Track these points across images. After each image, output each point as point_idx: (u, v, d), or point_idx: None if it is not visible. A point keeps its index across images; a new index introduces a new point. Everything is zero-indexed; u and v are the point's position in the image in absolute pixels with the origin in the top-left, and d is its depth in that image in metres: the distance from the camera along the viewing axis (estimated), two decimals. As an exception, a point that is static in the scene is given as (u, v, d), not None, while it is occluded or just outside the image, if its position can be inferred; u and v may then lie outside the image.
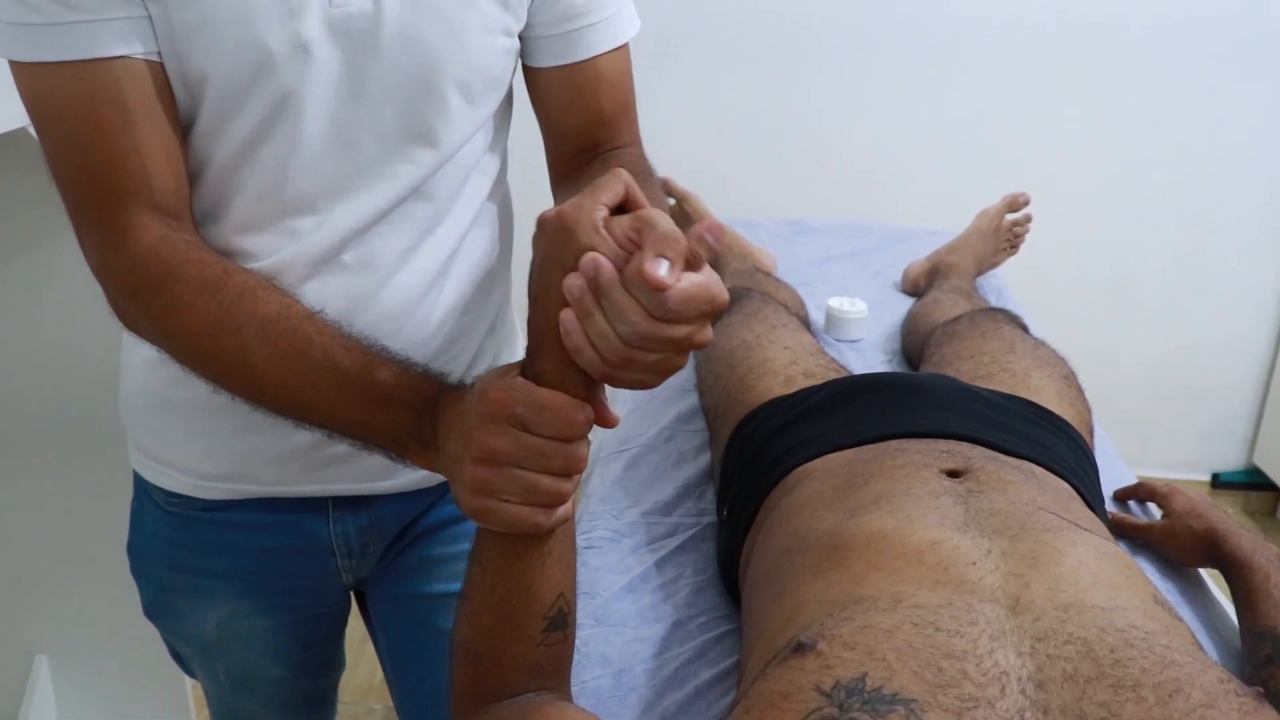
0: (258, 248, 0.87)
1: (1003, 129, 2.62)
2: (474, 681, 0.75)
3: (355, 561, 1.06)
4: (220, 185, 0.86)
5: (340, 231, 0.88)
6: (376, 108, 0.85)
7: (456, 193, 0.93)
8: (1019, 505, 0.89)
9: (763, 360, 1.34)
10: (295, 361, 0.78)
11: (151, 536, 1.05)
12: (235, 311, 0.78)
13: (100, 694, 1.78)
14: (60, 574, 1.69)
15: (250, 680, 1.12)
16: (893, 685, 0.65)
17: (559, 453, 0.69)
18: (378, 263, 0.90)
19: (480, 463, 0.69)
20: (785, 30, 2.55)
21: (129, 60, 0.77)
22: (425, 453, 0.76)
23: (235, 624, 1.06)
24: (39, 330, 1.54)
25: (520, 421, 0.68)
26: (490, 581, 0.74)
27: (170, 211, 0.82)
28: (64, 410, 1.58)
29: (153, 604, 1.09)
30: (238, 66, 0.79)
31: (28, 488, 1.64)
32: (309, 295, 0.86)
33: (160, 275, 0.79)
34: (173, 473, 1.00)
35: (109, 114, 0.77)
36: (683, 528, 1.27)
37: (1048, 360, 1.34)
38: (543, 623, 0.75)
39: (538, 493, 0.70)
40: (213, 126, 0.83)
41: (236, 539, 1.02)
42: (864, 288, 1.99)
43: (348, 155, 0.86)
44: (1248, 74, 2.52)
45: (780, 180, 2.69)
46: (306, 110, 0.83)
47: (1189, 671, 0.67)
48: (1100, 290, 2.75)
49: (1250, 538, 1.09)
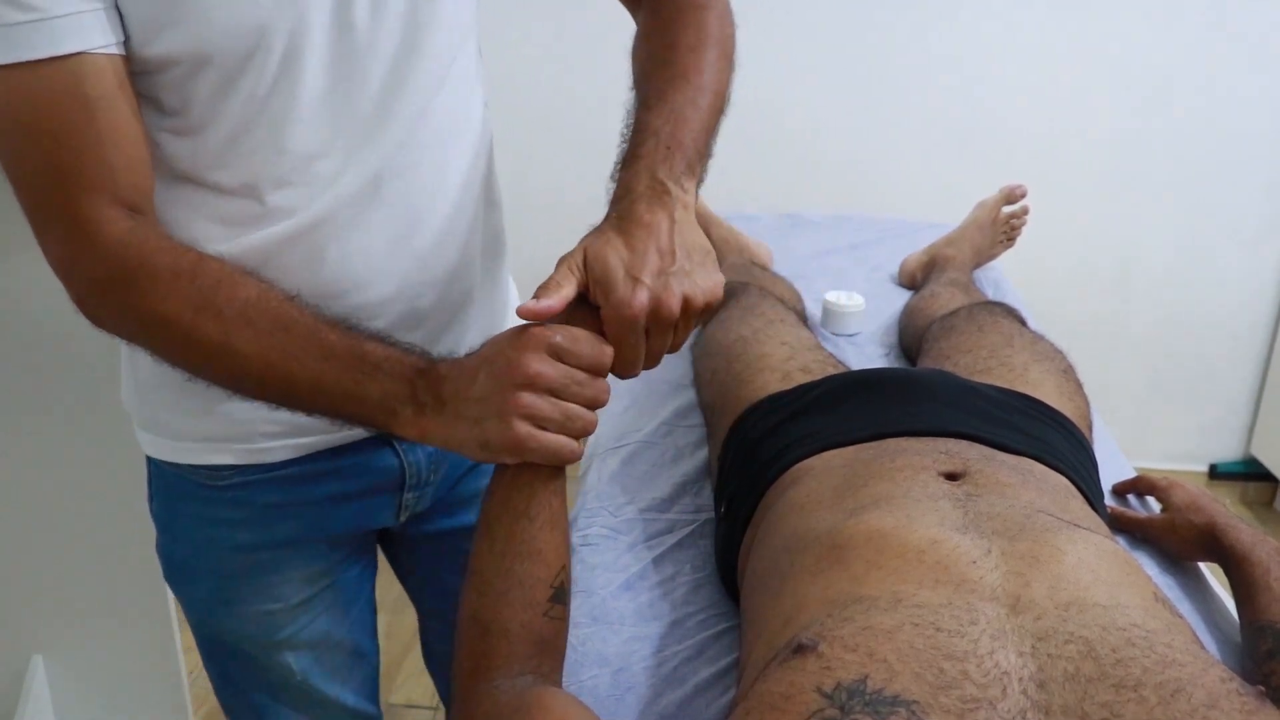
0: (294, 202, 0.88)
1: (999, 121, 2.62)
2: (481, 654, 0.78)
3: (418, 495, 1.08)
4: (232, 149, 0.86)
5: (367, 170, 0.90)
6: (372, 33, 0.86)
7: (463, 112, 0.97)
8: (1017, 507, 0.88)
9: (760, 355, 1.33)
10: (280, 339, 0.80)
11: (196, 529, 1.03)
12: (215, 296, 0.80)
13: (97, 694, 1.77)
14: (56, 574, 1.69)
15: (332, 653, 1.11)
16: (894, 687, 0.65)
17: (590, 383, 0.79)
18: (411, 191, 0.93)
19: (524, 387, 0.77)
20: (780, 22, 2.54)
21: (87, 55, 0.76)
22: (420, 418, 0.81)
23: (310, 593, 1.06)
24: (33, 329, 1.53)
25: (557, 351, 0.78)
26: (500, 549, 0.80)
27: (134, 205, 0.82)
28: (60, 409, 1.57)
29: (209, 603, 1.06)
30: (232, 26, 0.79)
31: (23, 487, 1.63)
32: (357, 234, 0.91)
33: (133, 266, 0.80)
34: (229, 445, 0.98)
35: (70, 110, 0.77)
36: (680, 524, 1.27)
37: (1046, 354, 1.33)
38: (549, 590, 0.80)
39: (573, 419, 0.79)
40: (216, 91, 0.83)
41: (306, 493, 1.01)
42: (861, 281, 1.98)
43: (352, 91, 0.87)
44: (1247, 63, 2.52)
45: (777, 174, 2.68)
46: (304, 54, 0.84)
47: (1191, 671, 0.67)
48: (1098, 282, 2.75)
49: (1250, 531, 1.09)
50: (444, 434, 0.81)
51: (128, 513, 1.61)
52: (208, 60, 0.81)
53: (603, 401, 0.81)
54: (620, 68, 1.00)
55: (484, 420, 0.78)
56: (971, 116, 2.62)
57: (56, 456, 1.61)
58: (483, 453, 0.80)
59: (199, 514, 1.02)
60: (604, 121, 1.09)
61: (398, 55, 0.88)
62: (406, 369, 0.81)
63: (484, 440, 0.79)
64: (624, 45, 0.99)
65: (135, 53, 0.80)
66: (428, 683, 1.54)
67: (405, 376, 0.81)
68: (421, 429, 0.82)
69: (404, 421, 0.81)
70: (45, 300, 1.50)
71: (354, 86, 0.87)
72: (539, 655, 0.78)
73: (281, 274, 0.88)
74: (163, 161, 0.87)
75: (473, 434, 0.79)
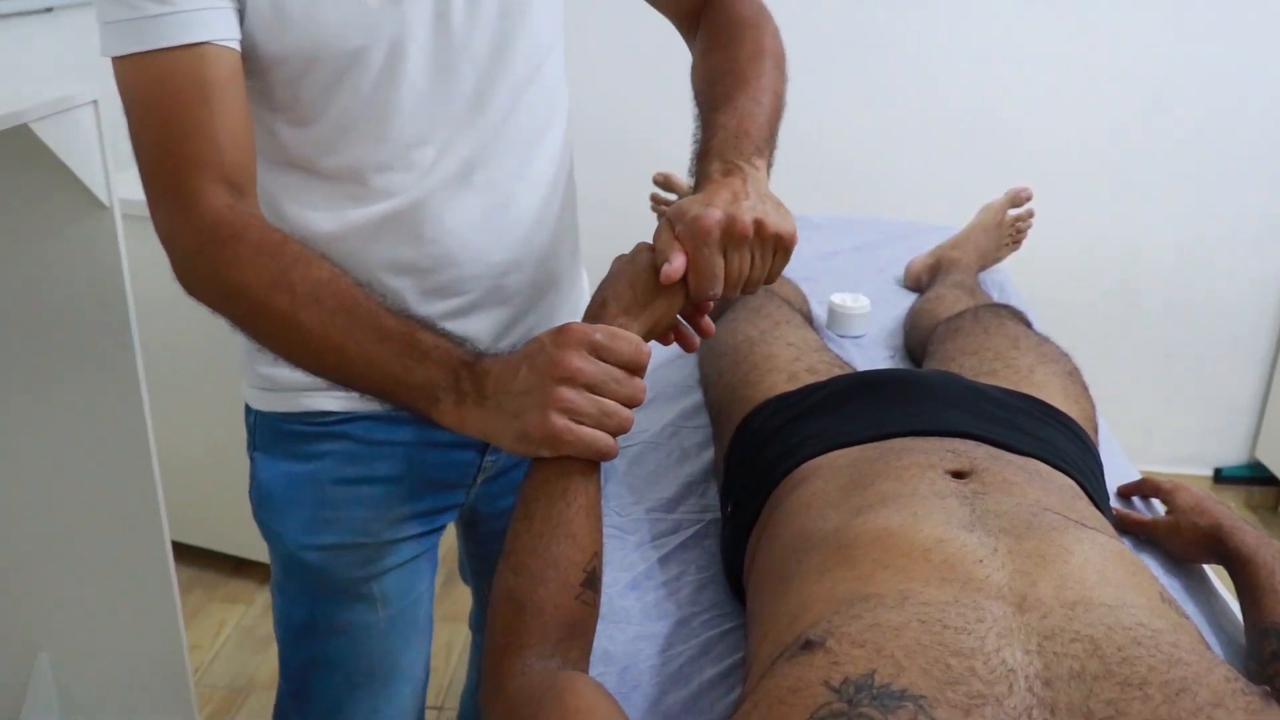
0: (394, 185, 0.97)
1: (1004, 124, 2.62)
2: (515, 631, 0.80)
3: (496, 459, 1.16)
4: (339, 138, 0.95)
5: (460, 157, 0.99)
6: (465, 36, 0.95)
7: (549, 109, 1.05)
8: (1024, 506, 0.89)
9: (766, 356, 1.34)
10: (342, 319, 0.85)
11: (297, 464, 1.09)
12: (291, 272, 0.86)
13: (103, 692, 1.78)
14: (62, 571, 1.69)
15: (406, 614, 1.15)
16: (901, 682, 0.65)
17: (628, 381, 0.83)
18: (498, 179, 1.01)
19: (564, 382, 0.80)
20: (785, 24, 2.55)
21: (210, 45, 0.85)
22: (459, 407, 0.85)
23: (399, 535, 1.11)
24: (41, 324, 1.53)
25: (597, 348, 0.82)
26: (538, 529, 0.83)
27: (237, 185, 0.89)
28: (66, 406, 1.58)
29: (306, 529, 1.10)
30: (343, 28, 0.88)
31: (29, 484, 1.64)
32: (451, 216, 0.99)
33: (225, 235, 0.86)
34: (334, 393, 1.04)
35: (188, 93, 0.85)
36: (686, 524, 1.27)
37: (1051, 356, 1.34)
38: (582, 574, 0.83)
39: (609, 416, 0.82)
40: (325, 88, 0.92)
41: (403, 433, 1.07)
42: (867, 283, 1.98)
43: (449, 84, 0.95)
44: (1250, 65, 2.52)
45: (782, 176, 2.67)
46: (407, 50, 0.92)
47: (1196, 670, 0.67)
48: (1103, 285, 2.76)
49: (1254, 533, 1.09)
50: (482, 425, 0.85)
51: (135, 510, 1.61)
52: (317, 59, 0.90)
53: (639, 400, 0.84)
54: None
55: (523, 413, 0.82)
56: (976, 119, 2.62)
57: (62, 453, 1.61)
58: (520, 444, 0.84)
59: (302, 452, 1.08)
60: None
61: (490, 56, 0.97)
62: (453, 359, 0.85)
63: (522, 432, 0.83)
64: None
65: (251, 50, 0.88)
66: (434, 680, 1.54)
67: (451, 366, 0.85)
68: (460, 418, 0.85)
69: (444, 409, 0.85)
70: (58, 291, 1.51)
71: (450, 83, 0.96)
72: (569, 639, 0.81)
73: (382, 248, 0.99)
74: (275, 148, 0.97)
75: (511, 426, 0.83)
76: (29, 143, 1.34)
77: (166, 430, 1.68)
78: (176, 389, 2.10)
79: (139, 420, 1.56)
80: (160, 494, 1.62)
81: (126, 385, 1.53)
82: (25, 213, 1.48)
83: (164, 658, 1.73)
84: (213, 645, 2.28)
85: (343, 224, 0.98)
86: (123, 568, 1.67)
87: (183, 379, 2.18)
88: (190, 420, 2.20)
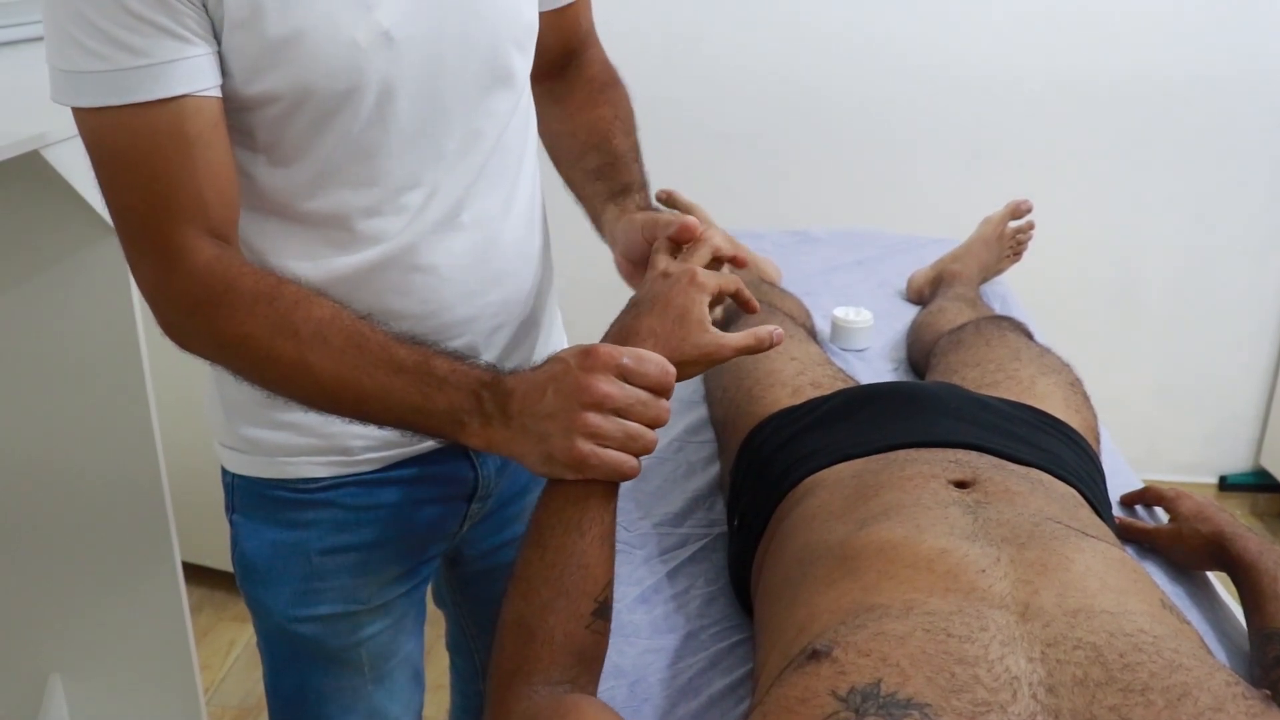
0: (383, 230, 0.94)
1: (1005, 137, 2.63)
2: (523, 657, 0.80)
3: (483, 505, 1.13)
4: (323, 181, 0.91)
5: (450, 198, 0.96)
6: (456, 78, 0.92)
7: (524, 142, 1.04)
8: (1026, 515, 0.90)
9: (770, 371, 1.35)
10: (353, 356, 0.84)
11: (281, 533, 1.06)
12: (292, 316, 0.84)
13: (114, 712, 1.78)
14: (73, 592, 1.70)
15: (398, 670, 1.15)
16: (907, 690, 0.66)
17: (654, 404, 0.82)
18: (487, 217, 0.99)
19: (591, 408, 0.80)
20: (786, 39, 2.57)
21: (189, 98, 0.81)
22: (486, 428, 0.84)
23: (388, 598, 1.09)
24: (52, 348, 1.55)
25: (624, 372, 0.81)
26: (550, 559, 0.82)
27: (221, 235, 0.86)
28: (77, 426, 1.59)
29: (292, 603, 1.07)
30: (334, 68, 0.84)
31: (42, 505, 1.65)
32: (442, 258, 0.97)
33: (219, 289, 0.84)
34: (322, 459, 1.02)
35: (170, 147, 0.81)
36: (693, 538, 1.28)
37: (1053, 367, 1.35)
38: (593, 604, 0.82)
39: (635, 439, 0.82)
40: (311, 128, 0.88)
41: (389, 495, 1.06)
42: (869, 297, 1.99)
43: (439, 126, 0.93)
44: (1252, 75, 2.53)
45: (784, 191, 2.70)
46: (398, 93, 0.89)
47: (1197, 675, 0.68)
48: (1104, 295, 2.76)
49: (1257, 540, 1.10)
50: (508, 445, 0.84)
51: (146, 532, 1.62)
52: (306, 99, 0.85)
53: (664, 421, 0.84)
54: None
55: (549, 437, 0.82)
56: (977, 132, 2.64)
57: (73, 475, 1.62)
58: (544, 466, 0.84)
59: (286, 519, 1.05)
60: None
61: (481, 93, 0.95)
62: (472, 382, 0.85)
63: (547, 455, 0.82)
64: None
65: (236, 90, 0.84)
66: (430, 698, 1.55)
67: (471, 389, 0.84)
68: (488, 439, 0.85)
69: (471, 432, 0.85)
70: (68, 315, 1.52)
71: (441, 125, 0.93)
72: (578, 666, 0.80)
73: (369, 296, 0.94)
74: (255, 193, 0.91)
75: (537, 449, 0.83)
76: (40, 168, 1.35)
77: (176, 451, 1.69)
78: (186, 411, 2.10)
79: (149, 442, 1.57)
80: (170, 514, 1.63)
81: (136, 407, 1.55)
82: (36, 238, 1.50)
83: (175, 677, 1.74)
84: (223, 665, 2.28)
85: (328, 272, 0.93)
86: (133, 588, 1.68)
87: (192, 402, 2.18)
88: (200, 441, 2.20)
